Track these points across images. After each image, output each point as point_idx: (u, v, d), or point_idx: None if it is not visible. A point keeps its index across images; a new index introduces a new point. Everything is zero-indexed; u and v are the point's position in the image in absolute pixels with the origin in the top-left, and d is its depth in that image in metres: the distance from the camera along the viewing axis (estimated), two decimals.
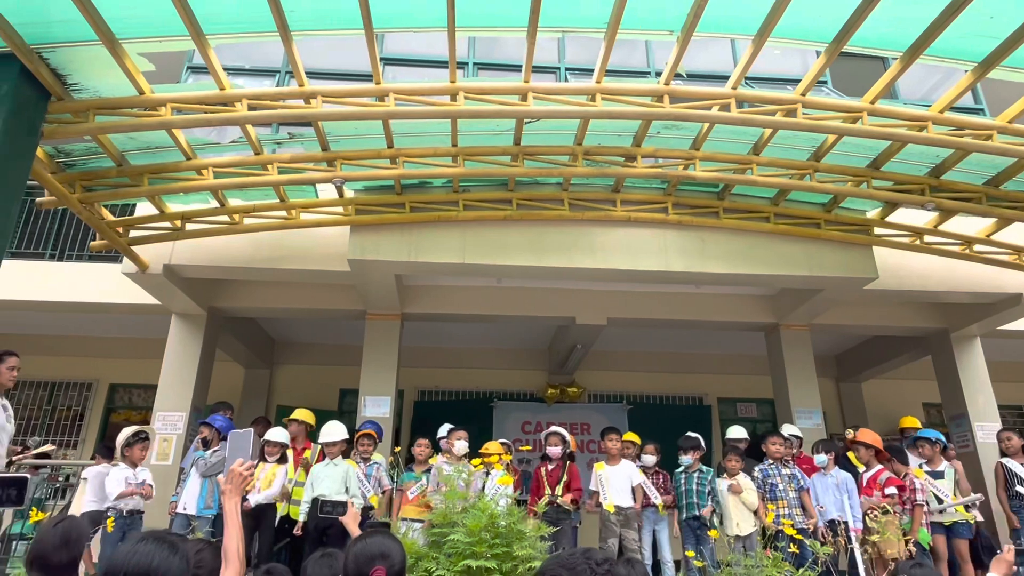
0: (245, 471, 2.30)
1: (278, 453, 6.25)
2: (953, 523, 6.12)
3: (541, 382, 10.91)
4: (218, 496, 6.11)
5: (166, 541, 1.81)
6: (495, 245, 6.62)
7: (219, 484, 6.01)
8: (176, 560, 1.75)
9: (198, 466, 6.24)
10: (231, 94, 4.88)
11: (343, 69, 7.07)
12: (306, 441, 6.83)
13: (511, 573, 3.85)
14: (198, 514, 6.04)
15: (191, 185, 5.84)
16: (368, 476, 6.21)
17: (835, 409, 10.91)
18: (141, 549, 1.72)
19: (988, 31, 4.46)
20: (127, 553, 1.70)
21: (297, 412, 6.93)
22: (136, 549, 1.71)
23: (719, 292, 8.39)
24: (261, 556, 5.86)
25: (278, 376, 10.83)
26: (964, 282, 7.48)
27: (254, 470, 2.34)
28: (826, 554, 4.44)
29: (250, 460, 2.33)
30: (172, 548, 1.79)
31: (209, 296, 7.98)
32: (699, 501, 5.96)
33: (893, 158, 5.80)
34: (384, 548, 2.10)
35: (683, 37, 4.62)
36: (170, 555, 1.75)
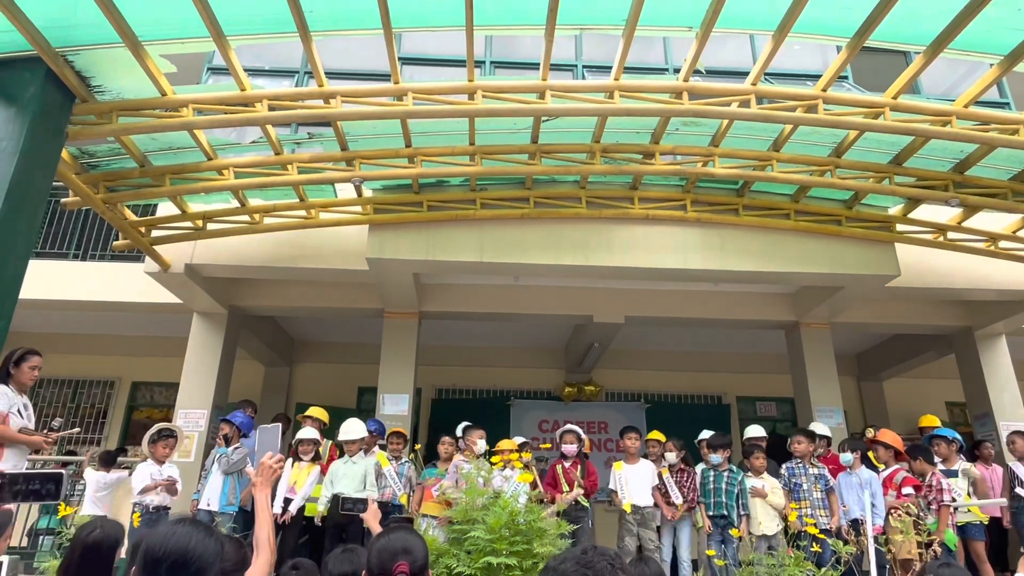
0: (275, 464, 2.36)
1: (312, 451, 6.29)
2: (966, 524, 6.04)
3: (558, 380, 10.91)
4: (240, 492, 6.19)
5: (201, 524, 1.83)
6: (513, 243, 6.63)
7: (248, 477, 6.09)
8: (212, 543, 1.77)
9: (220, 463, 6.31)
10: (251, 95, 4.93)
11: (361, 69, 7.11)
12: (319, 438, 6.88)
13: (531, 570, 3.85)
14: (221, 510, 6.11)
15: (212, 185, 5.91)
16: (400, 475, 6.28)
17: (856, 408, 10.79)
18: (179, 531, 1.72)
19: (1016, 23, 4.38)
20: (165, 535, 1.70)
21: (311, 410, 6.99)
22: (174, 531, 1.71)
23: (738, 290, 8.33)
24: (286, 552, 5.92)
25: (297, 374, 10.93)
26: (989, 279, 7.36)
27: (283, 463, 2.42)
28: (848, 554, 4.40)
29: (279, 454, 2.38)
30: (208, 531, 1.81)
31: (229, 295, 8.07)
32: (727, 500, 5.92)
33: (916, 154, 5.72)
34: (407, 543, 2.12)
35: (702, 33, 4.59)
36: (206, 537, 1.77)
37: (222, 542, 1.78)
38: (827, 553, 4.95)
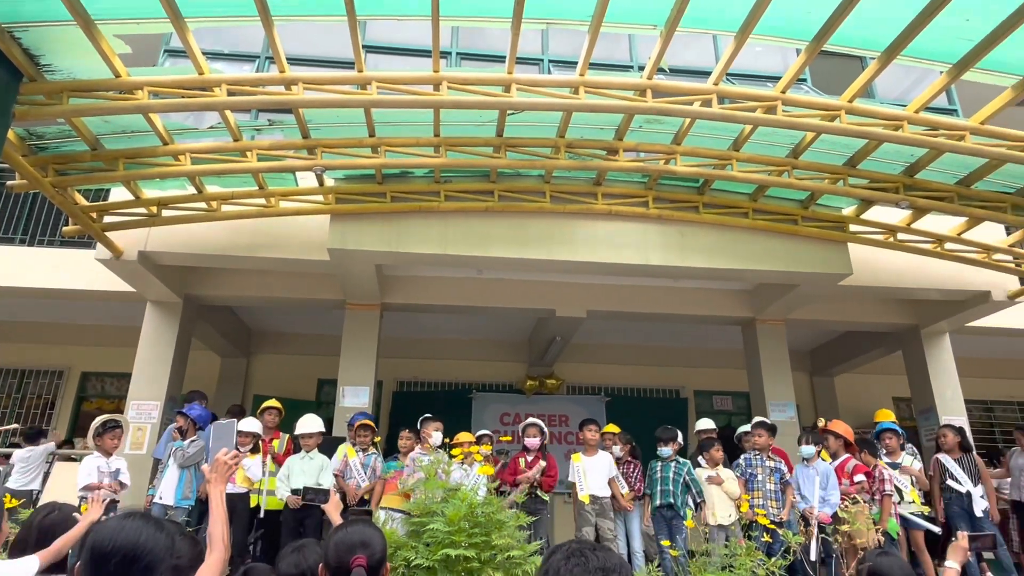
0: (230, 460, 2.32)
1: (251, 443, 6.19)
2: (911, 514, 6.29)
3: (520, 374, 10.96)
4: (196, 486, 6.08)
5: (152, 519, 1.79)
6: (476, 236, 6.62)
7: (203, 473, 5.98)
8: (163, 537, 1.73)
9: (175, 456, 6.19)
10: (210, 79, 4.81)
11: (325, 56, 6.99)
12: (275, 431, 6.80)
13: (490, 562, 3.88)
14: (175, 504, 5.99)
15: (168, 171, 5.75)
16: (365, 466, 6.23)
17: (808, 402, 11.11)
18: (128, 525, 1.67)
19: (964, 33, 4.55)
20: (113, 529, 1.64)
21: (268, 402, 6.89)
22: (123, 525, 1.66)
23: (697, 286, 8.48)
24: (234, 547, 5.82)
25: (255, 365, 10.74)
26: (935, 279, 7.64)
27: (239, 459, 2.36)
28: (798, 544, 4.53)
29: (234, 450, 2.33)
30: (158, 526, 1.77)
31: (185, 284, 7.88)
32: (674, 489, 6.05)
33: (869, 156, 5.89)
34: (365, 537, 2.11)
35: (666, 32, 4.64)
36: (157, 532, 1.72)
37: (173, 537, 1.74)
38: (777, 543, 5.09)
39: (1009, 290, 7.74)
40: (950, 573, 2.98)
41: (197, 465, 6.16)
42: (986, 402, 11.36)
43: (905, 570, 2.65)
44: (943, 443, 6.90)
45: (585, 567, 1.37)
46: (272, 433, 6.74)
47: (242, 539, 5.97)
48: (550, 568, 1.42)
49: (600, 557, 1.40)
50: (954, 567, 3.00)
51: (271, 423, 6.74)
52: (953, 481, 6.62)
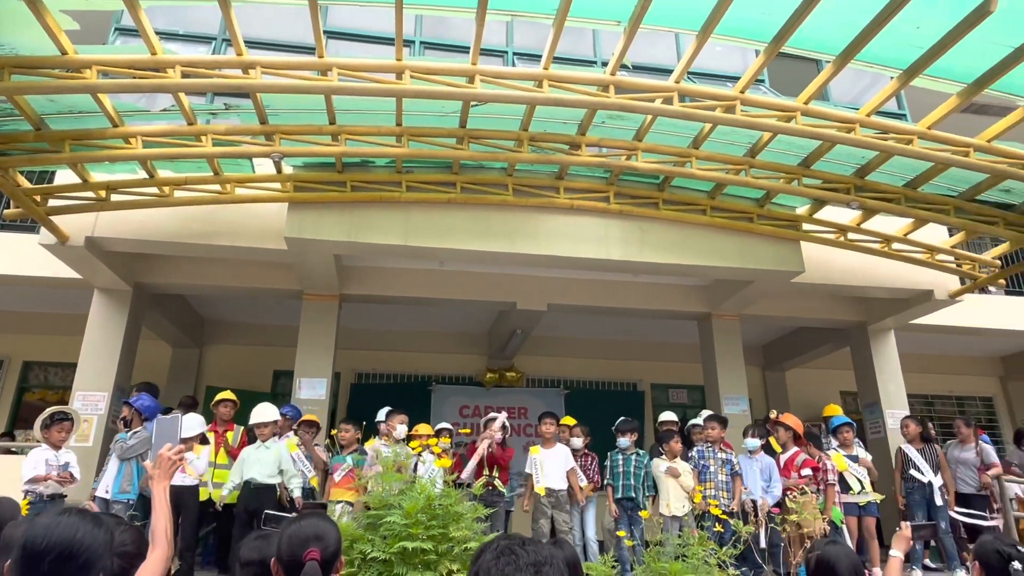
0: (174, 455, 2.23)
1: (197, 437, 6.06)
2: (867, 503, 6.54)
3: (480, 366, 10.95)
4: (136, 479, 5.90)
5: (89, 514, 1.73)
6: (438, 228, 6.58)
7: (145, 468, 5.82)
8: (101, 534, 1.68)
9: (115, 448, 6.00)
10: (163, 59, 4.65)
11: (284, 40, 6.84)
12: (229, 423, 6.67)
13: (447, 554, 3.88)
14: (113, 498, 5.80)
15: (117, 154, 5.56)
16: (309, 457, 6.18)
17: (760, 396, 11.40)
18: (63, 522, 1.62)
19: (914, 41, 4.70)
20: (47, 526, 1.59)
21: (223, 393, 6.75)
22: (58, 522, 1.61)
23: (656, 281, 8.60)
24: (185, 542, 5.69)
25: (208, 356, 10.48)
26: (882, 278, 7.92)
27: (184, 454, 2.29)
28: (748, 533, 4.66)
29: (178, 445, 2.28)
30: (96, 521, 1.72)
31: (135, 271, 7.63)
32: (635, 483, 6.15)
33: (822, 157, 6.06)
34: (319, 530, 2.08)
35: (630, 28, 4.68)
36: (94, 528, 1.67)
37: (113, 532, 1.69)
38: (728, 533, 5.23)
39: (950, 290, 8.08)
40: (894, 561, 3.10)
41: (140, 457, 5.97)
42: (927, 396, 11.84)
43: (851, 558, 2.74)
44: (905, 433, 7.19)
45: (516, 564, 1.35)
46: (227, 425, 6.61)
47: (192, 533, 5.84)
48: (480, 568, 1.39)
49: (531, 552, 1.37)
50: (897, 555, 3.13)
51: (226, 415, 6.61)
52: (915, 471, 6.89)
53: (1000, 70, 4.76)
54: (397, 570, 3.79)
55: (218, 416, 6.59)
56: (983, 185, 6.26)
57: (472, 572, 1.42)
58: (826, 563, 2.71)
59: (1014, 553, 2.75)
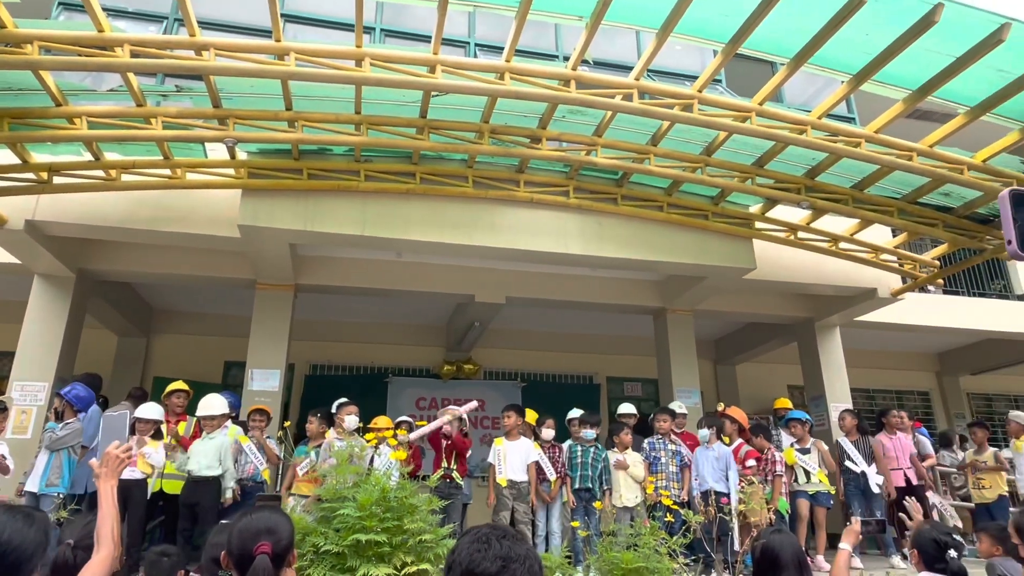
0: (122, 453, 2.17)
1: (151, 430, 5.89)
2: (816, 492, 6.77)
3: (438, 358, 10.91)
4: (67, 472, 5.70)
5: (20, 511, 1.67)
6: (396, 218, 6.52)
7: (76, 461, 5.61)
8: (31, 532, 1.63)
9: (44, 439, 5.79)
10: (111, 37, 4.48)
11: (240, 22, 6.65)
12: (181, 414, 6.51)
13: (401, 546, 3.87)
14: (41, 491, 5.59)
15: (60, 134, 5.33)
16: (261, 449, 6.08)
17: (712, 389, 11.66)
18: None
19: (863, 47, 4.87)
20: None
21: (175, 384, 6.58)
22: None
23: (613, 276, 8.71)
24: (132, 536, 5.53)
25: (156, 346, 10.16)
26: (829, 276, 8.19)
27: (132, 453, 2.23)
28: (698, 522, 4.78)
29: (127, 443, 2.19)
30: (27, 519, 1.66)
31: (79, 257, 7.34)
32: (592, 474, 6.24)
33: (775, 158, 6.22)
34: (270, 523, 2.04)
35: (591, 24, 4.71)
36: (24, 526, 1.62)
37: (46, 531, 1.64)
38: (678, 523, 5.36)
39: (892, 288, 8.41)
40: (842, 554, 3.23)
41: (72, 449, 5.77)
42: (868, 391, 12.30)
43: (795, 546, 2.85)
44: (842, 426, 7.45)
45: (485, 554, 1.38)
46: (179, 416, 6.44)
47: (139, 527, 5.68)
48: (456, 549, 1.43)
49: (504, 546, 1.39)
50: (846, 548, 3.26)
51: (178, 406, 6.44)
52: (850, 462, 7.16)
53: (943, 78, 4.97)
54: (350, 563, 3.76)
55: (170, 407, 6.41)
56: (924, 188, 6.53)
57: (451, 553, 1.46)
58: (770, 551, 2.81)
59: (950, 541, 2.90)
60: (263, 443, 6.28)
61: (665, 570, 4.40)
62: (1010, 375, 12.25)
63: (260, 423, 6.41)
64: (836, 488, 7.08)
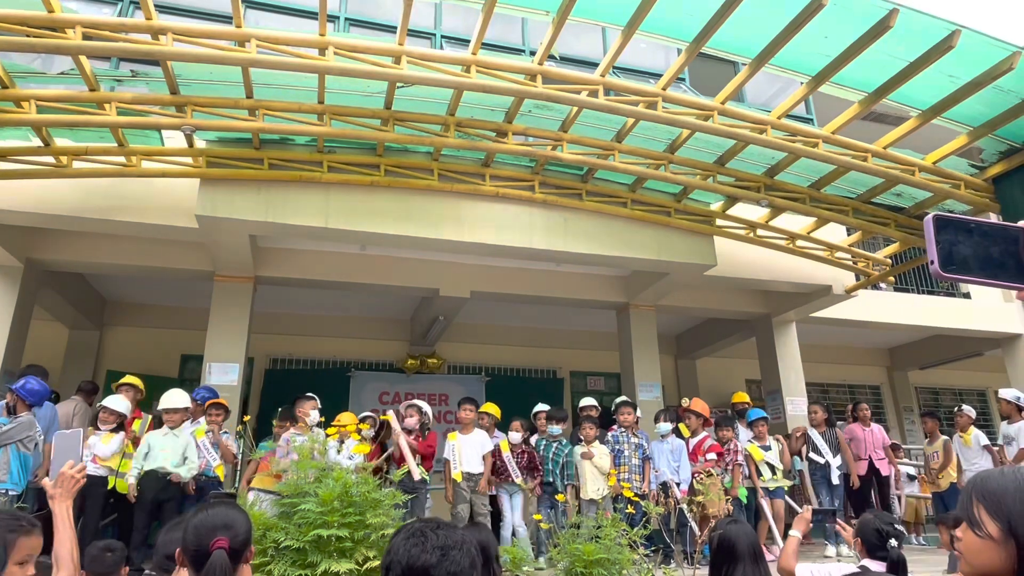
0: (76, 473, 2.14)
1: (114, 422, 5.73)
2: (775, 488, 6.93)
3: (401, 352, 10.84)
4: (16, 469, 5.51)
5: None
6: (360, 210, 6.44)
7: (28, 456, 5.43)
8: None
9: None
10: (61, 18, 4.32)
11: (199, 6, 6.48)
12: (136, 410, 6.33)
13: (363, 541, 3.84)
14: None
15: (7, 118, 5.12)
16: (216, 446, 5.96)
17: (673, 383, 11.86)
18: None
19: (821, 49, 4.99)
20: None
21: (128, 378, 6.38)
22: None
23: (577, 271, 8.77)
24: (87, 534, 5.37)
25: (109, 338, 9.86)
26: (786, 273, 8.39)
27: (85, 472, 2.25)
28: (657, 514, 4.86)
29: (80, 462, 2.19)
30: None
31: (27, 246, 7.07)
32: (554, 468, 6.29)
33: (736, 156, 6.34)
34: (227, 519, 2.01)
35: (558, 19, 4.72)
36: None
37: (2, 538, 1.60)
38: (639, 514, 5.44)
39: (846, 285, 8.67)
40: (792, 540, 3.36)
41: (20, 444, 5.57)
42: (823, 385, 12.66)
43: (751, 537, 2.92)
44: (813, 419, 7.66)
45: (423, 547, 1.40)
46: (134, 412, 6.26)
47: (94, 525, 5.53)
48: (391, 549, 1.44)
49: (440, 536, 1.42)
50: (796, 535, 3.40)
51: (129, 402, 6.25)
52: (815, 453, 7.36)
53: (897, 82, 5.13)
54: (311, 558, 3.73)
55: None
56: (878, 188, 6.74)
57: (386, 552, 1.46)
58: (727, 541, 2.89)
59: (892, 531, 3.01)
60: (219, 440, 6.16)
61: (625, 561, 4.47)
62: (956, 369, 12.75)
63: (217, 418, 6.29)
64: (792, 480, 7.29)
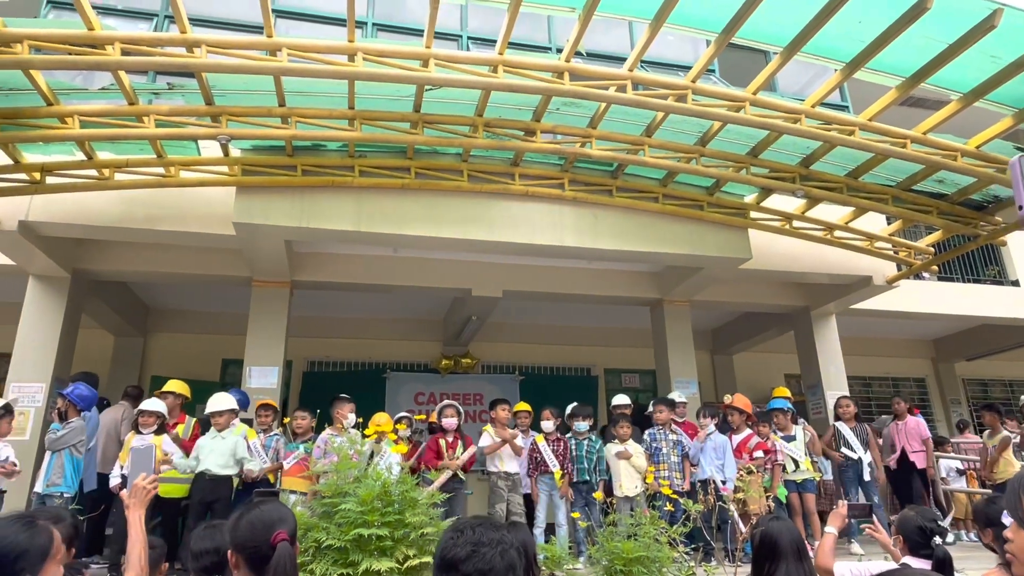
0: (148, 485, 2.42)
1: (154, 424, 5.90)
2: (804, 480, 6.81)
3: (435, 353, 10.92)
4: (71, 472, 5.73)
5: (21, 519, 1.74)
6: (392, 214, 6.51)
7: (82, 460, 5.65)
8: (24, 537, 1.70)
9: (47, 440, 5.82)
10: (101, 35, 4.45)
11: (231, 18, 6.61)
12: (180, 415, 6.50)
13: (403, 540, 3.88)
14: (44, 492, 5.61)
15: (52, 134, 5.29)
16: (268, 447, 6.08)
17: (709, 379, 11.72)
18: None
19: (856, 34, 4.87)
20: None
21: (171, 384, 6.56)
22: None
23: (609, 268, 8.72)
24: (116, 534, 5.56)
25: (152, 344, 10.15)
26: (824, 264, 8.21)
27: (157, 485, 2.56)
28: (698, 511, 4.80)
29: (153, 474, 2.49)
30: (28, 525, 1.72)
31: (73, 257, 7.31)
32: (588, 466, 6.26)
33: (770, 147, 6.22)
34: (281, 512, 2.06)
35: (584, 15, 4.70)
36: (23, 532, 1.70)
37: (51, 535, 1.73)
38: (679, 512, 5.38)
39: (888, 275, 8.44)
40: (828, 537, 3.27)
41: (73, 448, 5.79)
42: (865, 378, 12.37)
43: (793, 533, 2.87)
44: (843, 413, 7.49)
45: (456, 540, 1.48)
46: (177, 417, 6.42)
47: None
48: (441, 541, 1.55)
49: (477, 532, 1.49)
50: (832, 531, 3.31)
51: (170, 407, 6.42)
52: (847, 448, 7.20)
53: (936, 65, 4.98)
54: (352, 557, 3.78)
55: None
56: (919, 175, 6.55)
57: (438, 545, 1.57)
58: (769, 538, 2.83)
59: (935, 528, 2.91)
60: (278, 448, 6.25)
61: (665, 559, 4.43)
62: (1005, 360, 12.32)
63: (267, 418, 6.38)
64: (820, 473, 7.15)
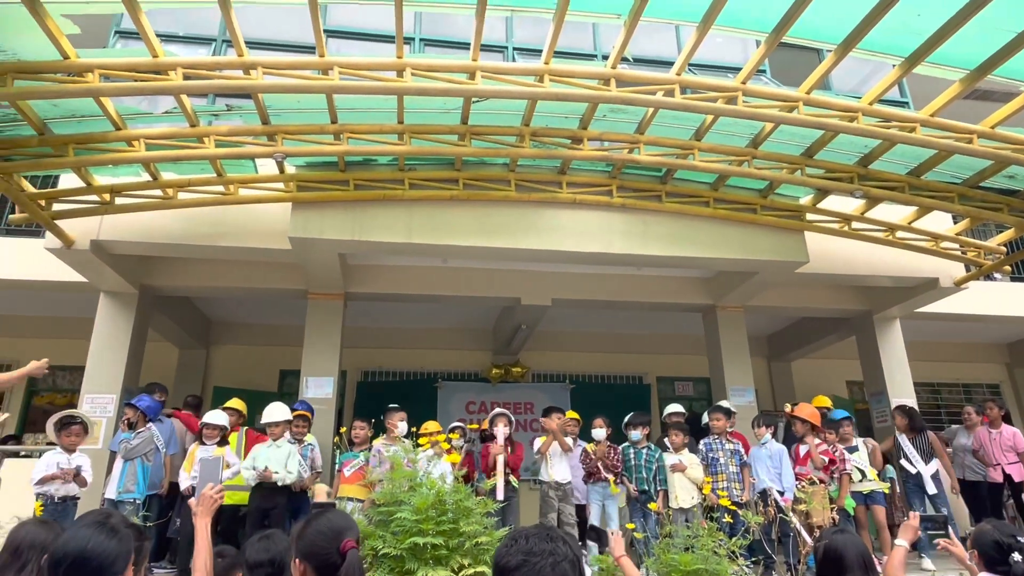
0: (215, 494, 2.56)
1: (217, 436, 6.11)
2: (871, 492, 6.53)
3: (486, 362, 10.97)
4: (142, 479, 5.99)
5: (105, 524, 1.82)
6: (441, 225, 6.59)
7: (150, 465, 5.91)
8: (114, 543, 1.80)
9: (120, 449, 6.11)
10: (164, 62, 4.66)
11: (285, 40, 6.85)
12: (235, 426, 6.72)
13: (458, 549, 3.90)
14: (118, 498, 5.88)
15: (120, 157, 5.57)
16: (304, 457, 6.22)
17: (766, 387, 11.39)
18: (78, 534, 1.77)
19: (915, 28, 4.68)
20: (66, 539, 1.76)
21: (232, 401, 6.82)
22: (75, 535, 1.76)
23: (659, 274, 8.60)
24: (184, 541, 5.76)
25: (215, 356, 10.52)
26: (886, 267, 7.90)
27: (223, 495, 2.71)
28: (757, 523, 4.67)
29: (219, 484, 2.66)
30: (111, 532, 1.81)
31: (140, 274, 7.66)
32: (647, 476, 6.16)
33: (825, 147, 6.04)
34: (348, 521, 2.10)
35: (630, 21, 4.67)
36: (107, 538, 1.79)
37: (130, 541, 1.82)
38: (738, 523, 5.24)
39: (955, 277, 8.05)
40: (899, 550, 3.12)
41: (145, 457, 6.06)
42: (933, 384, 11.82)
43: (859, 547, 2.75)
44: (896, 425, 7.19)
45: (509, 548, 1.52)
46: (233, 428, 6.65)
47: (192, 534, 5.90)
48: (498, 549, 1.59)
49: (530, 542, 1.52)
50: (903, 544, 3.16)
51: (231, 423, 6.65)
52: (906, 461, 6.89)
53: (1003, 56, 4.74)
54: (408, 565, 3.82)
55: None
56: (987, 172, 6.24)
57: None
58: (834, 552, 2.73)
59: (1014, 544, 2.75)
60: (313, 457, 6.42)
61: (724, 572, 4.31)
62: None
63: (301, 429, 6.52)
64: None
